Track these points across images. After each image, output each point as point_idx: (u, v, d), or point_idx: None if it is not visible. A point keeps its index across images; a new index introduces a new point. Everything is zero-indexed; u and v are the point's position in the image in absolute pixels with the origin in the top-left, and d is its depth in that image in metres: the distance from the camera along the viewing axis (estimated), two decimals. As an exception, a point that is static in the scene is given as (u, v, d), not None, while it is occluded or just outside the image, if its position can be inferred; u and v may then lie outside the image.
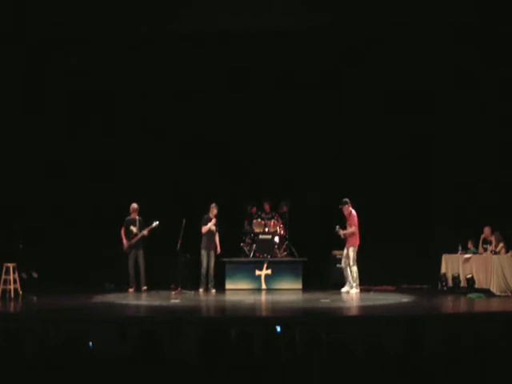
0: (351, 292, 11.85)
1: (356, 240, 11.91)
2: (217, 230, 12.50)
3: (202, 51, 13.76)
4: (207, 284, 12.46)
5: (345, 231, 11.94)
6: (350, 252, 11.87)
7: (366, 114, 13.77)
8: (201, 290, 12.31)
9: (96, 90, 13.72)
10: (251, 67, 13.79)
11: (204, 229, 12.36)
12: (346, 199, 11.99)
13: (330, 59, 13.76)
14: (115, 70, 13.71)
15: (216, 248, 12.49)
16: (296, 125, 13.83)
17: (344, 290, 11.96)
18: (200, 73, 13.81)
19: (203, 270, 12.39)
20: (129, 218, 12.61)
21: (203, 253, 12.39)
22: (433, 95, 13.61)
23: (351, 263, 11.85)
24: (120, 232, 12.54)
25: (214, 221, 12.40)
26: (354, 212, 11.96)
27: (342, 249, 13.18)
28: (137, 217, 12.59)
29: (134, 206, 12.62)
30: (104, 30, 13.14)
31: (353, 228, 11.86)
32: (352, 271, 11.87)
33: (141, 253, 12.50)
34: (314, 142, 13.98)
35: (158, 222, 12.42)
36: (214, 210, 12.42)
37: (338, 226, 11.94)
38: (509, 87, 13.15)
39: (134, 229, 12.54)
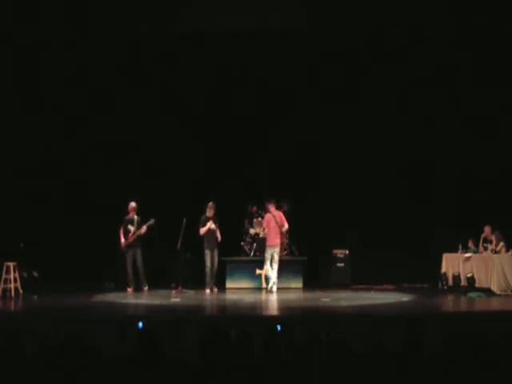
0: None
1: (267, 241, 12.24)
2: (217, 227, 12.33)
3: (202, 51, 13.75)
4: (213, 283, 12.37)
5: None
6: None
7: (366, 115, 13.75)
8: (208, 291, 12.11)
9: (96, 89, 13.74)
10: (251, 67, 13.79)
11: (202, 231, 12.15)
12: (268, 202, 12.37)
13: (330, 59, 13.76)
14: (115, 70, 13.73)
15: (218, 245, 12.36)
16: (296, 124, 13.83)
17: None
18: (200, 73, 13.81)
19: (207, 270, 12.21)
20: (127, 217, 12.45)
21: (207, 252, 12.20)
22: (433, 96, 13.61)
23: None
24: (118, 231, 12.45)
25: (209, 223, 12.19)
26: (267, 215, 12.34)
27: (342, 248, 13.23)
28: (135, 216, 12.41)
29: (132, 204, 12.45)
30: (104, 30, 13.14)
31: (265, 230, 12.40)
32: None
33: (138, 252, 12.30)
34: (314, 141, 13.99)
35: (153, 220, 12.24)
36: (211, 211, 12.23)
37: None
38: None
39: (131, 228, 12.37)
